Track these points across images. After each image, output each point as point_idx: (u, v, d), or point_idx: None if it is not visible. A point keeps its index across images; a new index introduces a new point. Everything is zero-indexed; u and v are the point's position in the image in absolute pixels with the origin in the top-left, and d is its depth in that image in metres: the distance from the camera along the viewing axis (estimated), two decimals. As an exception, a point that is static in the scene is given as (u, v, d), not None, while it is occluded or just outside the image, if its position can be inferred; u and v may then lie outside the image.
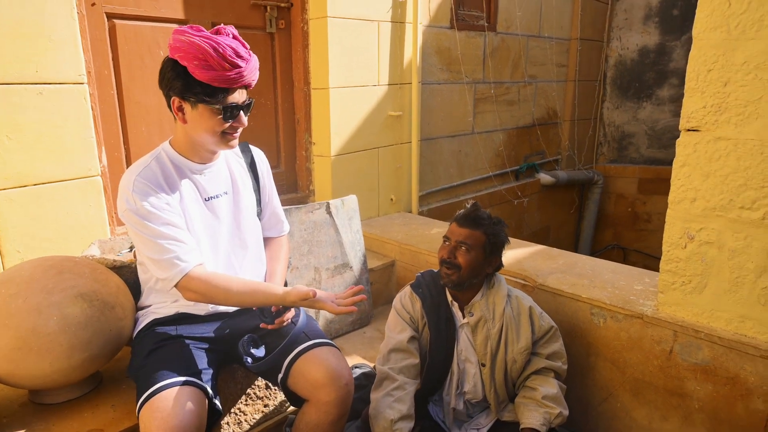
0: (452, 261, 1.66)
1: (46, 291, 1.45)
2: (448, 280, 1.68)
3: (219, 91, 1.36)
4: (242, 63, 1.35)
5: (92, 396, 1.62)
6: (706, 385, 1.77)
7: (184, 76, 1.34)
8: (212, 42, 1.31)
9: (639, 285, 2.10)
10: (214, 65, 1.31)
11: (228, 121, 1.40)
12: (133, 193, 1.38)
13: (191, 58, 1.31)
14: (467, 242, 1.66)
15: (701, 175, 1.72)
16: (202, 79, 1.33)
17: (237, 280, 1.45)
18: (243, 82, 1.38)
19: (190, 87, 1.35)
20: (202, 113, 1.38)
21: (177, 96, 1.39)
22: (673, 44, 5.01)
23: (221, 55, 1.31)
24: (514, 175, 4.55)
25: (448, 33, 3.57)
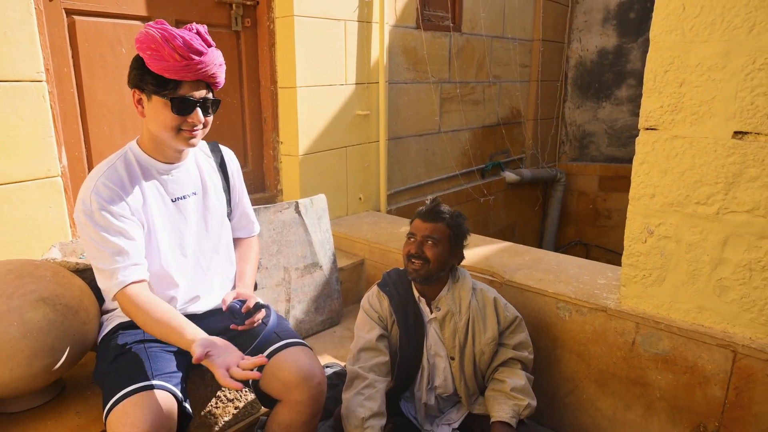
0: (420, 255, 1.69)
1: (6, 296, 1.40)
2: (417, 275, 1.71)
3: (170, 83, 1.34)
4: (195, 56, 1.33)
5: (56, 403, 1.57)
6: (667, 374, 1.84)
7: (140, 67, 1.35)
8: (165, 33, 1.31)
9: (602, 279, 2.17)
10: (165, 56, 1.31)
11: (180, 115, 1.37)
12: (91, 195, 1.35)
13: (145, 48, 1.32)
14: (433, 236, 1.70)
15: (660, 171, 1.79)
16: (154, 69, 1.33)
17: (161, 309, 1.35)
18: (196, 75, 1.36)
19: (143, 77, 1.35)
20: (155, 106, 1.37)
21: (133, 87, 1.39)
22: (630, 46, 5.19)
23: (172, 45, 1.30)
24: (480, 173, 4.62)
25: (415, 33, 3.60)
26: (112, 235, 1.35)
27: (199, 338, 1.27)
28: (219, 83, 1.45)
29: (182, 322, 1.34)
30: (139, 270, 1.39)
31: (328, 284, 2.54)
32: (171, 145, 1.45)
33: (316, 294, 2.49)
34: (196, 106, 1.39)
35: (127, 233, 1.38)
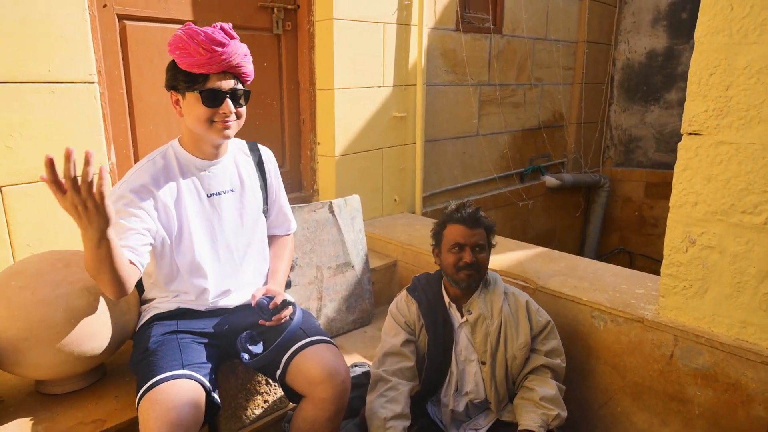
0: (475, 263, 1.69)
1: (54, 284, 1.48)
2: (472, 281, 1.71)
3: (199, 77, 1.41)
4: (217, 47, 1.39)
5: (96, 387, 1.65)
6: (707, 390, 1.77)
7: (173, 68, 1.44)
8: (190, 31, 1.39)
9: (641, 289, 2.10)
10: (192, 52, 1.38)
11: (211, 107, 1.43)
12: (123, 182, 1.45)
13: (174, 49, 1.40)
14: (480, 242, 1.72)
15: (703, 179, 1.72)
16: (183, 67, 1.41)
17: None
18: (222, 66, 1.41)
19: (176, 77, 1.43)
20: (189, 101, 1.44)
21: (169, 89, 1.47)
22: (681, 48, 4.99)
23: (196, 41, 1.37)
24: (519, 177, 4.55)
25: (454, 35, 3.59)
26: (122, 217, 1.39)
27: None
28: (246, 74, 1.50)
29: None
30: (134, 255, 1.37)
31: (360, 284, 2.56)
32: (207, 138, 1.50)
33: (347, 293, 2.51)
34: (225, 97, 1.45)
35: (136, 222, 1.41)
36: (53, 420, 1.49)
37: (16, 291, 1.44)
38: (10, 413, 1.52)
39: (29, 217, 1.93)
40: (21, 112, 1.85)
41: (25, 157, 1.89)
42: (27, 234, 1.93)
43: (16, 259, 1.91)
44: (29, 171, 1.91)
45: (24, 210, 1.91)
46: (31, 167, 1.91)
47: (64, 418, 1.50)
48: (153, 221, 1.46)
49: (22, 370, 1.48)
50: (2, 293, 1.44)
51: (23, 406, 1.55)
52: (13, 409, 1.54)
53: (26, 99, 1.86)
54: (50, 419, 1.49)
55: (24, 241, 1.93)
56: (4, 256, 1.88)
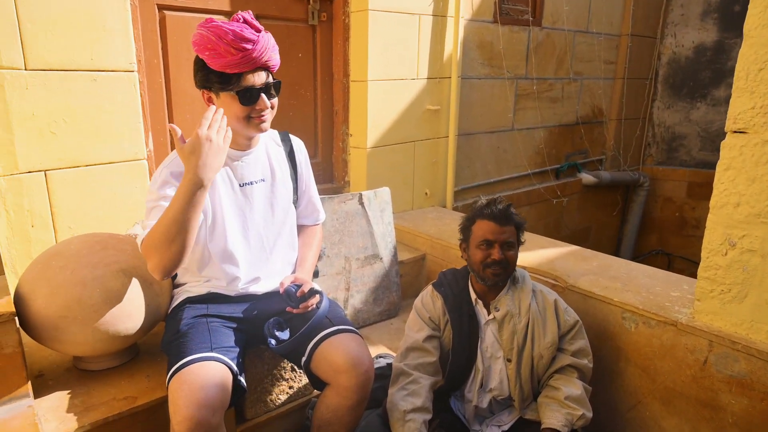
0: (504, 261, 1.67)
1: (92, 265, 1.54)
2: (499, 279, 1.70)
3: (233, 77, 1.42)
4: (248, 45, 1.39)
5: (130, 366, 1.72)
6: (742, 399, 1.70)
7: (203, 68, 1.43)
8: (217, 30, 1.37)
9: (676, 291, 2.04)
10: (222, 52, 1.37)
11: (248, 105, 1.45)
12: (164, 168, 1.47)
13: (203, 50, 1.39)
14: (510, 240, 1.70)
15: (746, 179, 1.65)
16: (215, 68, 1.40)
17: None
18: (253, 63, 1.42)
19: (208, 77, 1.44)
20: (225, 101, 1.45)
21: (201, 88, 1.48)
22: (732, 42, 4.77)
23: (225, 41, 1.37)
24: (554, 173, 4.46)
25: (491, 27, 3.53)
26: (165, 202, 1.42)
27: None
28: (275, 66, 1.51)
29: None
30: None
31: (388, 276, 2.57)
32: (244, 133, 1.53)
33: (375, 285, 2.53)
34: (260, 93, 1.47)
35: None
36: (88, 395, 1.56)
37: (56, 271, 1.51)
38: (49, 386, 1.60)
39: (71, 200, 2.01)
40: (65, 100, 1.93)
41: (68, 143, 1.97)
42: (68, 217, 2.02)
43: (58, 240, 2.00)
44: (72, 156, 1.99)
45: (66, 194, 2.00)
46: (74, 153, 1.99)
47: (99, 394, 1.57)
48: None
49: (60, 347, 1.56)
50: (44, 272, 1.52)
51: (61, 381, 1.63)
52: (52, 383, 1.62)
53: (69, 87, 1.93)
54: (86, 394, 1.56)
55: (66, 223, 2.01)
56: (47, 238, 1.97)
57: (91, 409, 1.49)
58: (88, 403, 1.52)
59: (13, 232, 1.90)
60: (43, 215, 1.95)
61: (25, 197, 1.91)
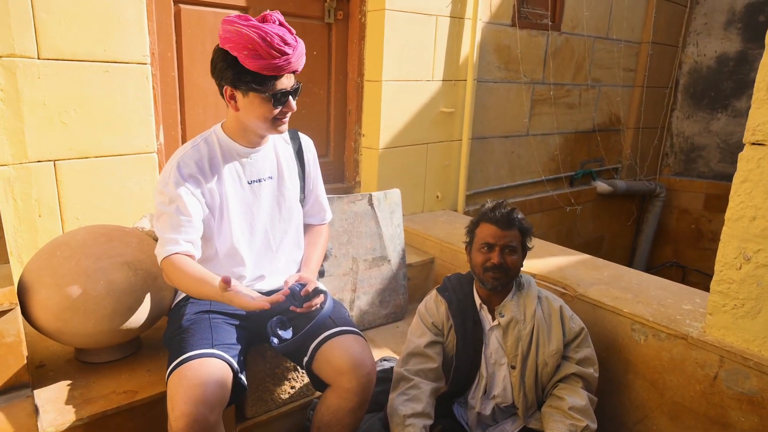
0: (503, 265, 1.65)
1: (95, 257, 1.54)
2: (498, 284, 1.67)
3: (268, 79, 1.39)
4: (289, 50, 1.38)
5: (131, 359, 1.72)
6: (752, 416, 1.65)
7: (235, 66, 1.38)
8: (260, 31, 1.34)
9: (688, 305, 1.99)
10: (263, 54, 1.34)
11: (278, 107, 1.45)
12: (172, 169, 1.46)
13: (241, 49, 1.35)
14: (512, 244, 1.67)
15: (764, 192, 1.60)
16: (251, 68, 1.36)
17: (198, 269, 1.42)
18: (291, 68, 1.41)
19: (240, 77, 1.39)
20: (253, 101, 1.43)
21: (229, 85, 1.44)
22: (756, 52, 4.67)
23: (269, 43, 1.34)
24: (569, 180, 4.40)
25: (509, 30, 3.49)
26: (177, 212, 1.44)
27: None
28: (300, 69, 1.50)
29: (214, 276, 1.39)
30: (190, 246, 1.45)
31: (395, 279, 2.55)
32: (261, 132, 1.53)
33: (381, 287, 2.50)
34: (289, 95, 1.46)
35: (192, 215, 1.45)
36: (89, 387, 1.56)
37: (61, 261, 1.51)
38: (49, 377, 1.60)
39: (79, 191, 2.02)
40: (76, 90, 1.94)
41: (79, 133, 1.98)
42: (76, 208, 2.03)
43: (65, 231, 2.01)
44: (82, 147, 2.00)
45: (74, 184, 2.01)
46: (84, 143, 2.00)
47: (99, 387, 1.56)
48: (203, 208, 1.50)
49: (62, 338, 1.56)
50: (48, 262, 1.52)
51: (62, 372, 1.63)
52: (53, 374, 1.62)
53: (82, 77, 1.94)
54: (86, 386, 1.56)
55: (73, 214, 2.02)
56: (54, 228, 1.98)
57: (90, 402, 1.49)
58: (87, 395, 1.52)
59: (19, 221, 1.91)
60: (50, 205, 1.96)
61: (33, 186, 1.92)
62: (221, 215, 1.54)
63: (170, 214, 1.44)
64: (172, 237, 1.44)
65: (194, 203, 1.47)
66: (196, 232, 1.48)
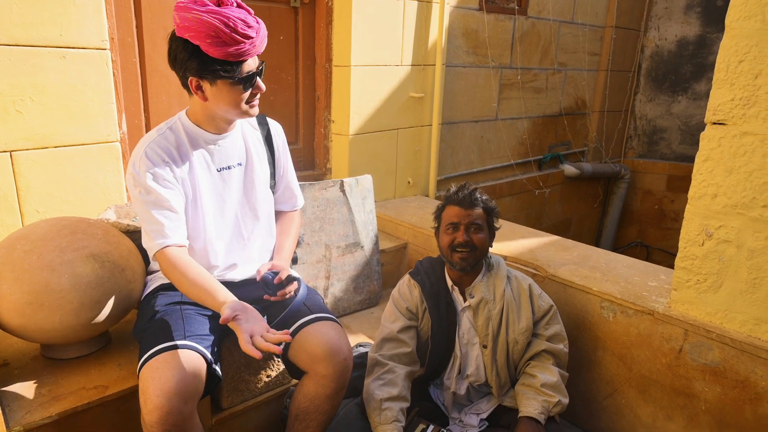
0: (469, 242, 1.67)
1: (60, 249, 1.49)
2: (466, 264, 1.69)
3: (235, 65, 1.36)
4: (253, 33, 1.34)
5: (100, 354, 1.67)
6: (715, 386, 1.73)
7: (198, 55, 1.33)
8: (221, 17, 1.29)
9: (654, 281, 2.05)
10: (227, 40, 1.30)
11: (248, 90, 1.42)
12: (141, 159, 1.41)
13: (204, 37, 1.29)
14: (477, 222, 1.70)
15: (724, 170, 1.66)
16: (216, 56, 1.32)
17: (197, 271, 1.39)
18: (256, 51, 1.38)
19: (206, 66, 1.34)
20: (222, 88, 1.39)
21: (194, 76, 1.38)
22: (714, 36, 4.81)
23: (232, 29, 1.29)
24: (537, 164, 4.47)
25: (477, 15, 3.50)
26: (157, 200, 1.41)
27: (230, 301, 1.32)
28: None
29: (216, 285, 1.38)
30: (180, 235, 1.44)
31: (369, 265, 2.55)
32: (231, 118, 1.49)
33: (355, 274, 2.50)
34: (256, 76, 1.43)
35: (171, 199, 1.43)
36: (57, 384, 1.51)
37: (21, 255, 1.45)
38: (14, 376, 1.54)
39: (39, 183, 1.94)
40: (32, 77, 1.85)
41: (36, 122, 1.90)
42: (36, 200, 1.95)
43: (25, 224, 1.93)
44: (40, 136, 1.91)
45: (34, 176, 1.93)
46: (42, 133, 1.92)
47: (68, 383, 1.52)
48: (180, 193, 1.47)
49: (27, 334, 1.50)
50: (8, 256, 1.46)
51: (27, 370, 1.58)
52: (18, 372, 1.56)
53: (37, 63, 1.86)
54: (54, 383, 1.52)
55: (33, 207, 1.94)
56: (13, 222, 1.90)
57: (59, 399, 1.45)
58: (56, 392, 1.48)
59: (-24, 215, 1.83)
60: (8, 198, 1.88)
61: (-11, 179, 1.83)
62: (194, 204, 1.51)
63: (149, 204, 1.40)
64: (157, 228, 1.40)
65: (171, 189, 1.44)
66: (179, 218, 1.45)
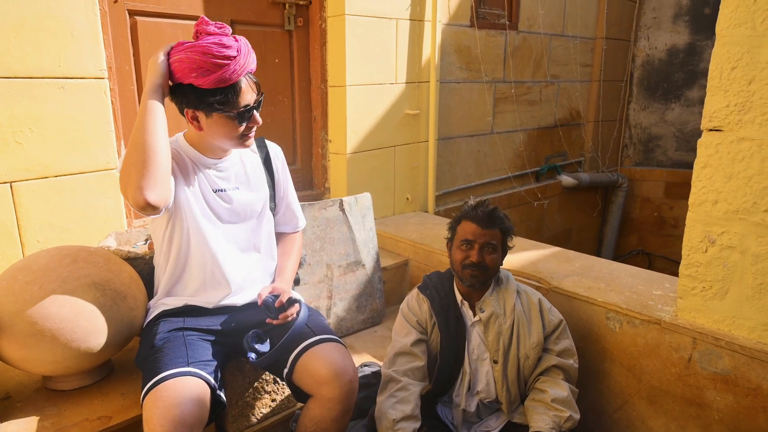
0: (482, 264, 1.66)
1: (61, 279, 1.48)
2: (476, 281, 1.68)
3: (230, 95, 1.37)
4: (232, 52, 1.35)
5: (103, 384, 1.65)
6: (727, 395, 1.71)
7: (193, 90, 1.37)
8: (196, 49, 1.33)
9: (658, 290, 2.04)
10: (210, 68, 1.32)
11: (243, 123, 1.43)
12: None
13: (188, 72, 1.34)
14: (492, 242, 1.68)
15: (723, 176, 1.66)
16: (207, 86, 1.34)
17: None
18: (245, 69, 1.38)
19: (202, 98, 1.37)
20: (217, 121, 1.41)
21: (190, 108, 1.41)
22: (704, 44, 4.87)
23: (209, 55, 1.32)
24: (535, 176, 4.48)
25: (468, 31, 3.54)
26: None
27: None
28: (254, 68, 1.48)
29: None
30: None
31: (371, 283, 2.54)
32: (227, 148, 1.50)
33: (358, 292, 2.49)
34: (253, 110, 1.44)
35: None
36: (60, 416, 1.49)
37: (23, 286, 1.44)
38: (17, 409, 1.52)
39: (39, 213, 1.94)
40: (31, 108, 1.86)
41: (35, 152, 1.90)
42: (37, 230, 1.94)
43: (25, 255, 1.92)
44: (39, 167, 1.92)
45: (34, 206, 1.93)
46: (42, 163, 1.92)
47: (71, 414, 1.50)
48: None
49: (29, 366, 1.48)
50: (9, 288, 1.45)
51: (30, 402, 1.55)
52: (20, 404, 1.54)
53: (36, 94, 1.87)
54: (57, 415, 1.49)
55: (33, 236, 1.94)
56: (14, 252, 1.90)
57: (62, 431, 1.42)
58: (59, 424, 1.45)
59: (-24, 247, 1.82)
60: (9, 228, 1.88)
61: (-11, 210, 1.83)
62: (188, 229, 1.50)
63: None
64: None
65: None
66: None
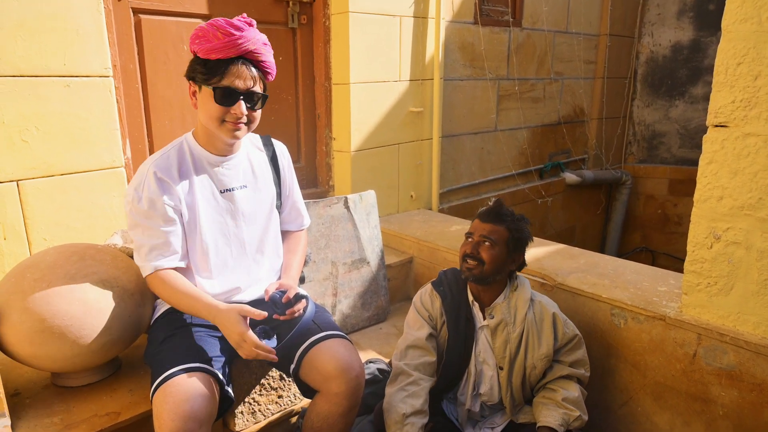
0: (475, 255, 1.65)
1: (69, 276, 1.49)
2: (470, 274, 1.66)
3: (218, 69, 1.38)
4: (234, 31, 1.38)
5: (111, 380, 1.66)
6: (732, 391, 1.71)
7: (194, 59, 1.45)
8: (211, 20, 1.40)
9: (663, 286, 2.04)
10: (210, 37, 1.38)
11: (223, 105, 1.41)
12: (141, 180, 1.44)
13: (194, 40, 1.41)
14: (491, 237, 1.65)
15: (729, 172, 1.66)
16: (201, 54, 1.40)
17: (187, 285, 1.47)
18: (239, 50, 1.39)
19: (194, 67, 1.43)
20: (204, 96, 1.43)
21: (189, 79, 1.46)
22: (708, 40, 4.85)
23: (215, 27, 1.38)
24: (539, 173, 4.48)
25: (472, 28, 3.54)
26: (154, 221, 1.43)
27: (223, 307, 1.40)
28: (267, 64, 1.48)
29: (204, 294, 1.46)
30: (174, 258, 1.47)
31: (375, 280, 2.54)
32: (217, 136, 1.50)
33: (362, 290, 2.49)
34: (239, 97, 1.42)
35: (168, 222, 1.45)
36: (68, 412, 1.50)
37: (31, 283, 1.45)
38: (26, 405, 1.53)
39: (46, 211, 1.95)
40: (36, 107, 1.87)
41: (42, 151, 1.91)
42: (43, 228, 1.95)
43: (32, 253, 1.93)
44: (45, 165, 1.93)
45: (40, 204, 1.94)
46: (48, 161, 1.93)
47: (79, 411, 1.51)
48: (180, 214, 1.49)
49: (38, 363, 1.49)
50: (18, 285, 1.46)
51: (39, 399, 1.57)
52: (29, 401, 1.55)
53: (41, 93, 1.88)
54: (65, 411, 1.51)
55: (40, 234, 1.95)
56: (21, 251, 1.91)
57: (71, 427, 1.44)
58: (68, 420, 1.47)
59: (-16, 246, 1.83)
60: (16, 227, 1.89)
61: (-4, 208, 1.84)
62: (193, 226, 1.51)
63: (145, 225, 1.43)
64: (151, 251, 1.43)
65: (169, 211, 1.45)
66: (179, 239, 1.47)
